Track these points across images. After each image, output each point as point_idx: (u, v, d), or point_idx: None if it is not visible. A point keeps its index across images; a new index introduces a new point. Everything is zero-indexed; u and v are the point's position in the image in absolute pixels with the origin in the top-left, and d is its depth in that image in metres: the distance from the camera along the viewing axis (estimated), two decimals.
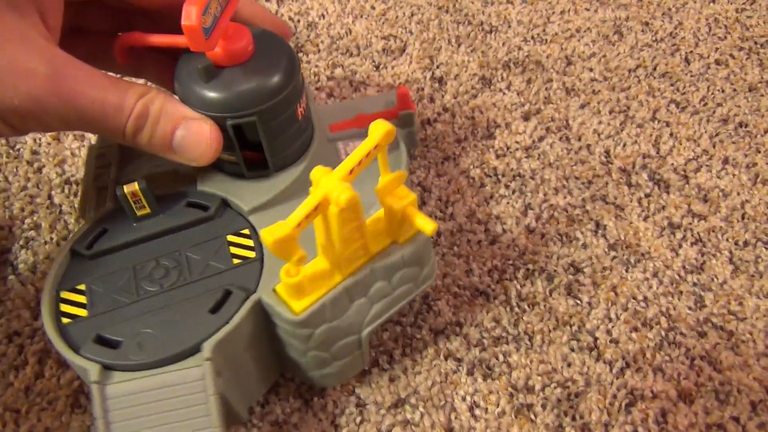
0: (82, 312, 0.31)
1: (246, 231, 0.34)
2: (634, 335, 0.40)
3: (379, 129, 0.27)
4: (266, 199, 0.35)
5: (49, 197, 0.46)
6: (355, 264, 0.30)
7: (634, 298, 0.42)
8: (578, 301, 0.41)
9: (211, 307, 0.31)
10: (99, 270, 0.33)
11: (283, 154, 0.36)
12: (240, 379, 0.32)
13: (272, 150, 0.35)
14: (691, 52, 0.60)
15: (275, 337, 0.32)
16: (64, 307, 0.31)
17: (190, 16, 0.28)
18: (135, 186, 0.33)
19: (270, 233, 0.26)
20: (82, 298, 0.32)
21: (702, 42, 0.61)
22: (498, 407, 0.37)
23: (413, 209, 0.30)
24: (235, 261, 0.33)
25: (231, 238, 0.34)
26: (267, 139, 0.34)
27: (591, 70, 0.58)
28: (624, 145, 0.51)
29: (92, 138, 0.51)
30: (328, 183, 0.26)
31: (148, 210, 0.34)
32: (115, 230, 0.34)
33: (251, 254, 0.33)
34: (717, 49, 0.60)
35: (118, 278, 0.32)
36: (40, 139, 0.51)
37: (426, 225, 0.29)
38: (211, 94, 0.32)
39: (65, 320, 0.31)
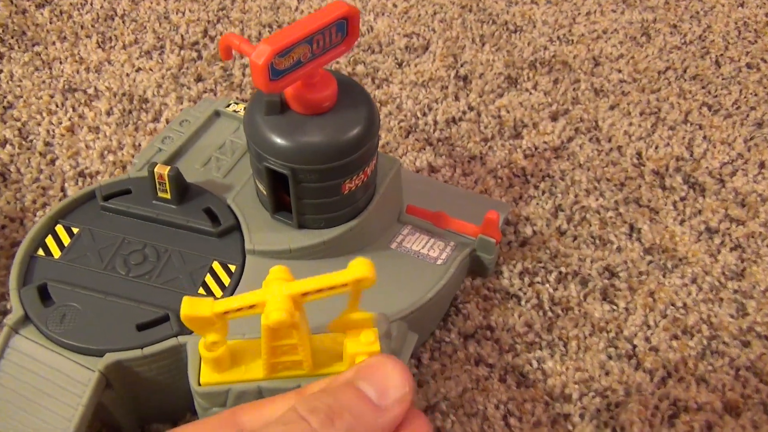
0: (57, 252, 0.32)
1: (233, 267, 0.32)
2: (674, 343, 0.38)
3: (355, 272, 0.22)
4: (273, 248, 0.32)
5: (62, 189, 0.45)
6: (285, 373, 0.27)
7: (673, 305, 0.40)
8: (614, 307, 0.39)
9: (141, 322, 0.29)
10: (99, 223, 0.33)
11: (312, 216, 0.33)
12: (139, 400, 0.31)
13: (298, 208, 0.32)
14: (722, 55, 0.58)
15: None
16: (49, 240, 0.32)
17: (261, 55, 0.26)
18: (166, 170, 0.33)
19: (189, 305, 0.22)
20: (67, 240, 0.32)
21: (732, 45, 0.59)
22: (533, 416, 0.35)
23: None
24: (201, 291, 0.31)
25: (216, 265, 0.32)
26: (295, 196, 0.32)
27: (619, 71, 0.56)
28: (656, 148, 0.49)
29: (107, 130, 0.49)
30: (273, 291, 0.22)
31: (168, 195, 0.33)
32: (136, 196, 0.34)
33: (219, 293, 0.31)
34: (748, 52, 0.58)
35: (105, 241, 0.32)
36: (53, 131, 0.49)
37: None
38: (257, 127, 0.30)
39: (40, 252, 0.31)
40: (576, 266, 0.41)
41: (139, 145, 0.48)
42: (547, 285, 0.40)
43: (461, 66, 0.56)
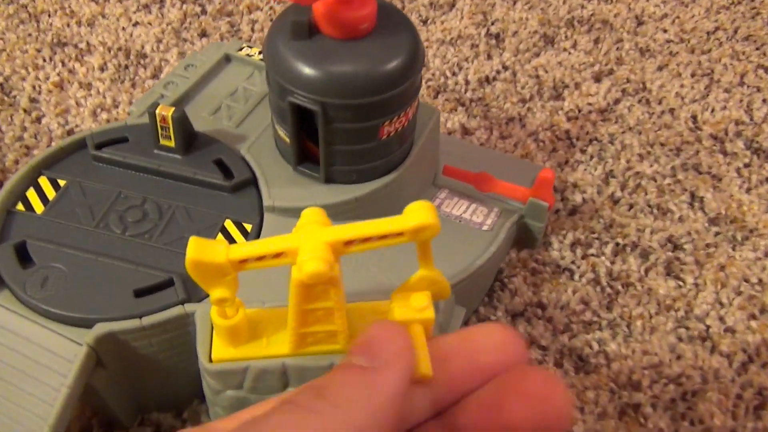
0: (39, 207, 0.27)
1: (249, 227, 0.27)
2: (752, 324, 0.33)
3: (414, 217, 0.18)
4: (296, 205, 0.27)
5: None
6: (315, 348, 0.22)
7: (746, 281, 0.35)
8: (681, 283, 0.34)
9: (140, 287, 0.24)
10: (90, 175, 0.28)
11: (342, 168, 0.28)
12: (136, 383, 0.26)
13: (327, 157, 0.27)
14: None
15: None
16: (30, 193, 0.27)
17: None
18: (169, 112, 0.27)
19: (198, 248, 0.17)
20: (52, 193, 0.27)
21: None
22: (597, 406, 0.30)
23: (420, 334, 0.19)
24: None
25: (228, 224, 0.27)
26: (325, 141, 0.26)
27: (665, 31, 0.51)
28: (712, 111, 0.44)
29: (100, 87, 0.44)
30: (308, 238, 0.18)
31: (172, 143, 0.28)
32: (133, 144, 0.29)
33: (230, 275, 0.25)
34: None
35: (98, 196, 0.28)
36: (40, 87, 0.44)
37: (422, 366, 0.18)
38: (281, 54, 0.25)
39: (20, 207, 0.27)
40: (635, 237, 0.36)
41: None
42: (603, 258, 0.35)
43: (492, 24, 0.51)
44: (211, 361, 0.21)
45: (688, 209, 0.38)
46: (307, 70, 0.24)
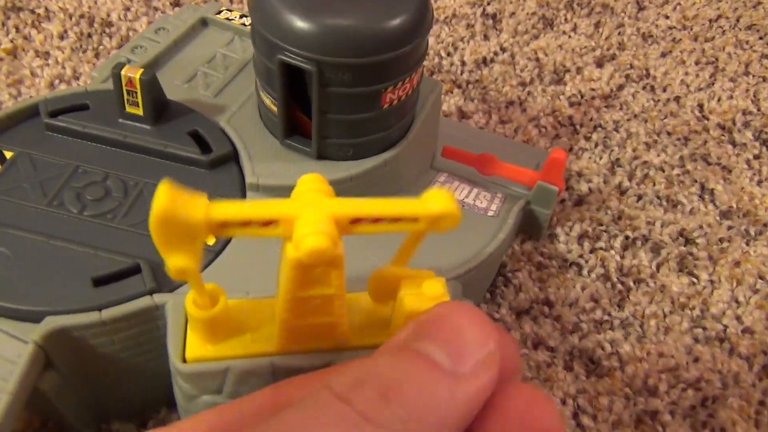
0: None
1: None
2: None
3: (434, 203, 0.15)
4: (283, 183, 0.24)
5: None
6: (309, 344, 0.18)
7: (762, 278, 0.33)
8: (695, 279, 0.32)
9: (100, 275, 0.21)
10: (43, 146, 0.24)
11: (337, 141, 0.24)
12: (94, 387, 0.22)
13: (321, 128, 0.24)
14: None
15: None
16: None
17: None
18: (137, 73, 0.23)
19: (169, 196, 0.13)
20: None
21: None
22: (611, 413, 0.27)
23: None
24: None
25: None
26: (319, 108, 0.23)
27: (667, 17, 0.49)
28: (719, 100, 0.42)
29: (59, 56, 0.40)
30: (309, 207, 0.14)
31: (140, 111, 0.24)
32: (95, 112, 0.25)
33: (212, 240, 0.22)
34: None
35: (51, 170, 0.24)
36: None
37: None
38: (269, 4, 0.22)
39: None
40: (645, 230, 0.34)
41: None
42: (613, 252, 0.33)
43: (488, 3, 0.48)
44: (184, 360, 0.18)
45: (698, 201, 0.36)
46: (301, 23, 0.21)
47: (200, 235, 0.14)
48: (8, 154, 0.24)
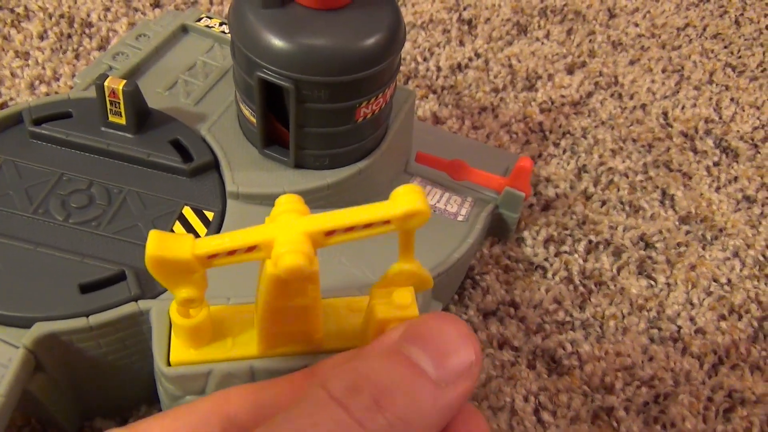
0: None
1: (210, 215, 0.24)
2: (722, 324, 0.33)
3: (402, 203, 0.16)
4: (263, 191, 0.25)
5: None
6: (287, 348, 0.20)
7: (716, 281, 0.34)
8: (653, 282, 0.34)
9: (87, 282, 0.22)
10: (27, 154, 0.25)
11: (314, 152, 0.25)
12: (81, 387, 0.23)
13: (298, 140, 0.25)
14: (741, 15, 0.53)
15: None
16: None
17: None
18: (120, 85, 0.24)
19: (158, 242, 0.15)
20: None
21: (750, 6, 0.55)
22: (570, 410, 0.29)
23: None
24: None
25: (187, 211, 0.24)
26: (296, 122, 0.24)
27: (637, 25, 0.50)
28: (683, 108, 0.44)
29: (39, 57, 0.40)
30: (285, 228, 0.16)
31: (123, 120, 0.25)
32: (78, 121, 0.26)
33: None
34: (767, 15, 0.54)
35: (36, 177, 0.24)
36: None
37: None
38: (249, 24, 0.22)
39: None
40: (607, 234, 0.36)
41: None
42: (576, 255, 0.34)
43: (464, 9, 0.49)
44: (169, 364, 0.19)
45: (659, 207, 0.38)
46: (279, 43, 0.22)
47: (193, 269, 0.15)
48: None
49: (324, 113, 0.24)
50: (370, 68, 0.23)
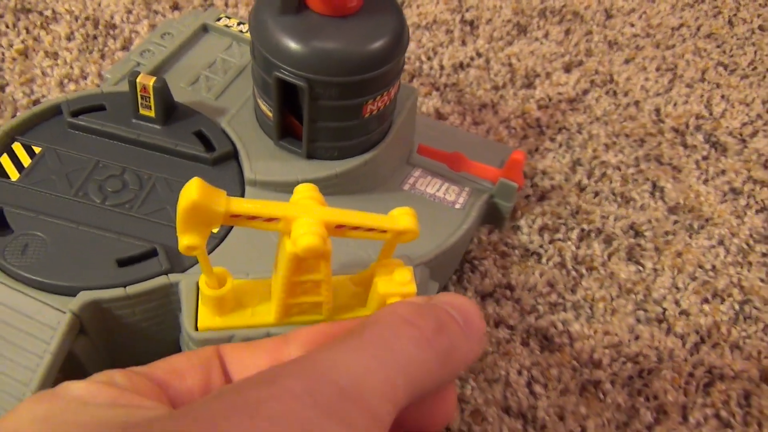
0: (15, 174, 0.26)
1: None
2: (705, 307, 0.35)
3: (400, 221, 0.19)
4: (278, 179, 0.27)
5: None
6: (299, 318, 0.22)
7: (701, 267, 0.37)
8: (641, 268, 0.36)
9: (123, 257, 0.24)
10: (66, 142, 0.28)
11: (325, 144, 0.28)
12: (115, 351, 0.26)
13: (310, 133, 0.27)
14: (735, 15, 0.55)
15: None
16: (4, 159, 0.27)
17: None
18: (150, 81, 0.27)
19: (202, 190, 0.17)
20: (27, 160, 0.27)
21: (744, 7, 0.56)
22: (560, 383, 0.31)
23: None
24: None
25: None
26: (309, 117, 0.27)
27: (632, 25, 0.53)
28: (675, 105, 0.46)
29: (67, 56, 0.43)
30: (304, 212, 0.18)
31: (152, 113, 0.28)
32: (111, 113, 0.29)
33: (215, 228, 0.26)
34: (759, 15, 0.56)
35: (75, 164, 0.27)
36: (3, 54, 0.42)
37: None
38: (268, 28, 0.25)
39: None
40: (599, 224, 0.38)
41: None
42: (570, 242, 0.37)
43: (467, 10, 0.51)
44: (196, 329, 0.22)
45: (649, 198, 0.40)
46: (295, 46, 0.24)
47: (216, 222, 0.18)
48: (36, 149, 0.27)
49: (334, 109, 0.26)
50: (376, 70, 0.25)
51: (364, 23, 0.25)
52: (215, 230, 0.26)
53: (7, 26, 0.44)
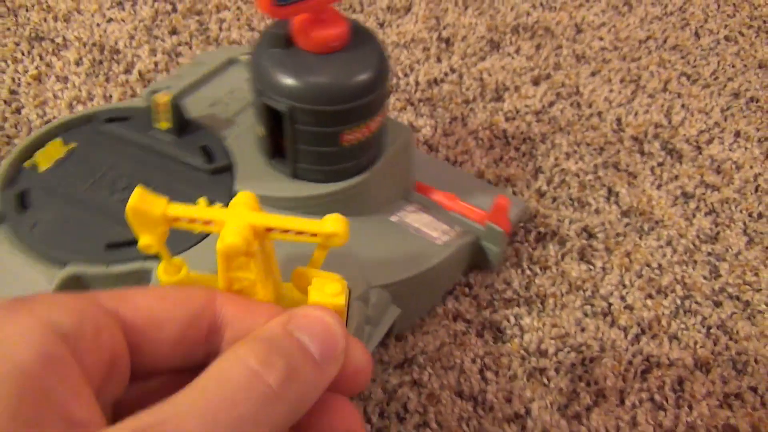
0: (47, 164, 0.32)
1: (218, 206, 0.31)
2: (649, 302, 0.38)
3: (327, 225, 0.21)
4: (263, 193, 0.30)
5: None
6: None
7: (648, 266, 0.40)
8: (591, 267, 0.40)
9: (112, 241, 0.29)
10: (94, 144, 0.33)
11: (308, 166, 0.32)
12: None
13: (294, 154, 0.31)
14: (701, 27, 0.58)
15: None
16: (40, 154, 0.32)
17: None
18: (166, 98, 0.32)
19: (140, 197, 0.20)
20: (61, 153, 0.32)
21: (711, 18, 0.59)
22: (510, 370, 0.35)
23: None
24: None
25: (201, 201, 0.31)
26: (291, 139, 0.30)
27: (601, 39, 0.56)
28: (635, 114, 0.49)
29: (76, 80, 0.47)
30: (235, 215, 0.21)
31: (166, 127, 0.33)
32: (134, 124, 0.34)
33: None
34: (726, 25, 0.59)
35: (97, 162, 0.32)
36: (19, 79, 0.47)
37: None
38: (260, 60, 0.29)
39: (27, 163, 0.32)
40: (555, 227, 0.41)
41: (110, 96, 0.47)
42: (527, 244, 0.40)
43: (444, 29, 0.55)
44: None
45: (604, 202, 0.43)
46: (278, 76, 0.29)
47: (159, 224, 0.21)
48: (70, 146, 0.33)
49: (312, 135, 0.30)
50: (351, 102, 0.29)
51: (343, 60, 0.29)
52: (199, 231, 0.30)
53: (23, 53, 0.49)
